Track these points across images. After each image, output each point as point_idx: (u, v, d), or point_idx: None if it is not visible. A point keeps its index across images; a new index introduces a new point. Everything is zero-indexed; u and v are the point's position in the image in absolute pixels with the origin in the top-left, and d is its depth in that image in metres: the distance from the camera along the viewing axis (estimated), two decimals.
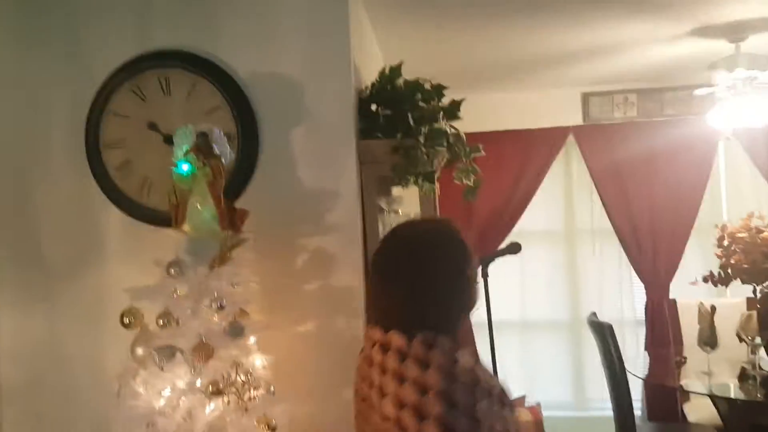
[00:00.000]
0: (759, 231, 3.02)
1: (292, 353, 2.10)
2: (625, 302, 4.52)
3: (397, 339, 1.29)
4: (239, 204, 1.96)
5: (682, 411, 3.78)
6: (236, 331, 1.83)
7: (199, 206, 1.80)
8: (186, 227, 1.82)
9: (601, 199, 4.39)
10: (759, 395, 2.91)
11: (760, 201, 4.13)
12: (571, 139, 4.44)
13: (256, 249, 2.01)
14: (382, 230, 2.40)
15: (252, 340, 1.88)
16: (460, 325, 1.39)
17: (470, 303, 1.42)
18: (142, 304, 1.82)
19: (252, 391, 1.77)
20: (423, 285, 1.33)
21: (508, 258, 4.90)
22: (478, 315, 2.34)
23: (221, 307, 1.79)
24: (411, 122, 2.17)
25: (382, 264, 1.42)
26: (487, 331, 2.53)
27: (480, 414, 1.19)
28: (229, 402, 1.74)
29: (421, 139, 2.16)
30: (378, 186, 2.36)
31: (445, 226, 1.43)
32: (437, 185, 2.54)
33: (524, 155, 4.41)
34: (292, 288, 2.17)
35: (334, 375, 2.16)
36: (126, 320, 1.81)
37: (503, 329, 4.62)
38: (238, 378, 1.75)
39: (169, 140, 2.02)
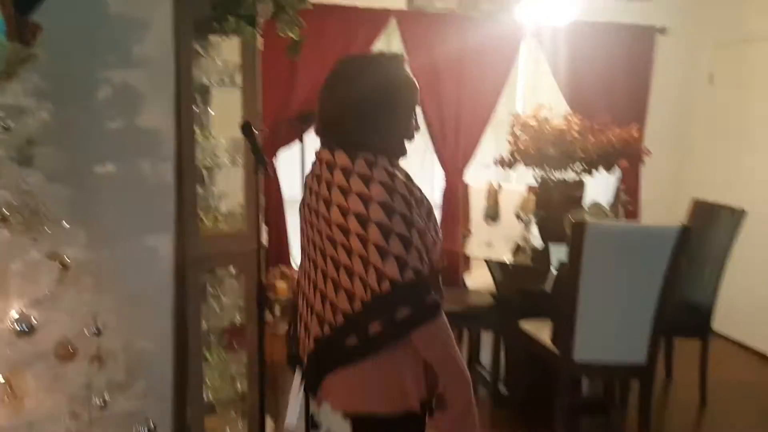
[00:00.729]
0: (546, 121, 3.39)
1: (90, 192, 1.95)
2: (426, 185, 4.86)
3: (342, 158, 1.45)
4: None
5: (463, 280, 4.27)
6: (24, 159, 1.65)
7: None
8: None
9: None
10: (528, 262, 3.38)
11: (551, 96, 4.62)
12: (393, 24, 4.50)
13: (49, 73, 1.78)
14: (197, 75, 2.28)
15: (40, 174, 1.71)
16: (400, 150, 1.53)
17: (410, 131, 1.55)
18: None
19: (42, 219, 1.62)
20: (367, 110, 1.47)
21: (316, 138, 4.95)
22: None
23: (6, 129, 1.58)
24: None
25: (333, 89, 1.53)
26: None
27: (413, 219, 1.38)
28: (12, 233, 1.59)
29: None
30: (196, 28, 2.20)
31: (395, 59, 1.57)
32: (261, 41, 2.45)
33: (347, 33, 4.39)
34: (91, 124, 1.98)
35: (137, 220, 2.07)
36: None
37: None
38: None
39: None
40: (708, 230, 3.45)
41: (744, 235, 3.50)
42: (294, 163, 4.44)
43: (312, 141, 4.32)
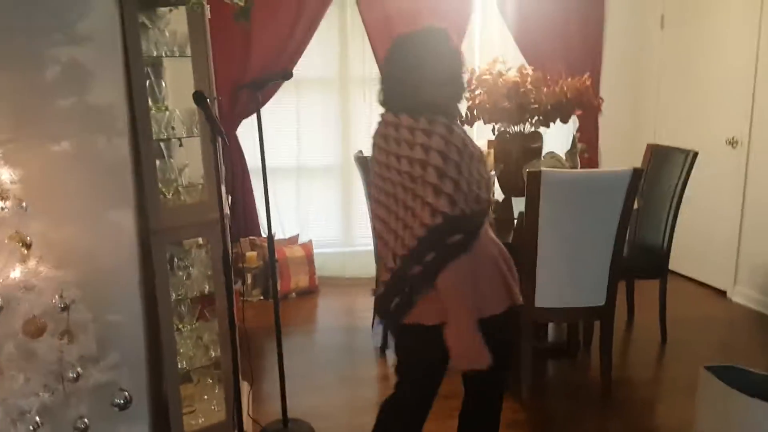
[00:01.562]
0: (501, 74, 3.43)
1: (47, 172, 1.95)
2: None
3: (406, 119, 1.73)
4: None
5: None
6: None
7: None
8: None
9: (372, 48, 4.57)
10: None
11: (506, 50, 4.66)
12: None
13: None
14: (146, 47, 2.26)
15: None
16: (453, 110, 1.83)
17: (459, 94, 1.83)
18: None
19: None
20: (421, 78, 1.74)
21: (285, 106, 4.94)
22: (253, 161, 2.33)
23: None
24: None
25: (391, 63, 1.83)
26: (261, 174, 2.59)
27: (464, 165, 1.66)
28: None
29: None
30: (141, 0, 2.18)
31: (439, 33, 1.80)
32: (208, 8, 2.43)
33: None
34: (43, 103, 1.97)
35: (97, 196, 2.08)
36: None
37: (280, 174, 4.78)
38: None
39: None
40: (662, 173, 3.57)
41: (697, 176, 3.63)
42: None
43: (269, 109, 4.37)
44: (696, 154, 3.39)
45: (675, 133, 4.64)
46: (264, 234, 4.61)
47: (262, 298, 4.36)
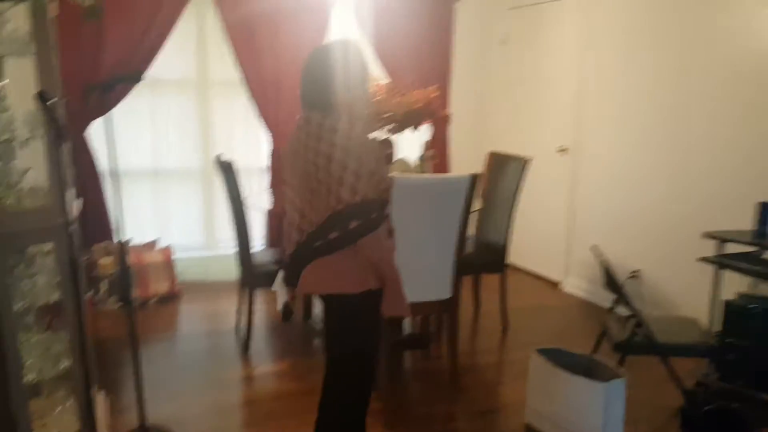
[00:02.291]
0: None
1: None
2: (252, 150, 4.93)
3: (317, 116, 1.97)
4: None
5: None
6: None
7: None
8: None
9: (233, 50, 4.57)
10: None
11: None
12: None
13: None
14: None
15: None
16: (359, 111, 2.03)
17: (365, 97, 2.09)
18: None
19: None
20: (338, 81, 1.98)
21: (139, 107, 4.80)
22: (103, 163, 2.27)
23: None
24: None
25: (306, 72, 2.03)
26: (111, 179, 2.53)
27: (364, 158, 1.95)
28: None
29: None
30: None
31: (356, 45, 2.05)
32: (54, 5, 2.35)
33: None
34: None
35: None
36: None
37: (136, 177, 4.63)
38: None
39: None
40: (501, 178, 3.94)
41: (532, 180, 4.05)
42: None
43: (123, 109, 4.23)
44: (528, 161, 3.78)
45: (515, 141, 5.11)
46: (119, 239, 4.44)
47: (119, 306, 4.20)
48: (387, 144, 3.64)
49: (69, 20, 2.74)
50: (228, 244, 4.88)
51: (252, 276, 3.57)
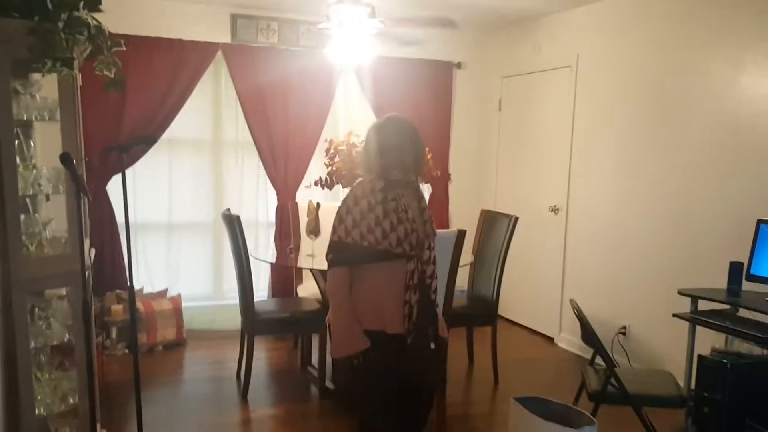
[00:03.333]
0: (354, 145, 3.90)
1: None
2: (260, 206, 5.21)
3: None
4: None
5: (296, 291, 4.66)
6: None
7: None
8: None
9: (245, 115, 4.93)
10: None
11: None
12: (220, 56, 4.83)
13: None
14: (17, 111, 2.46)
15: None
16: (378, 173, 2.35)
17: (380, 163, 2.36)
18: None
19: None
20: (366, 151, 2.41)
21: (158, 162, 5.12)
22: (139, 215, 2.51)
23: None
24: (49, 6, 2.25)
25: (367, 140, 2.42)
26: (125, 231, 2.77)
27: (355, 213, 2.28)
28: None
29: (60, 25, 2.26)
30: (13, 68, 2.39)
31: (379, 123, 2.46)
32: (79, 76, 2.66)
33: (176, 65, 4.65)
34: None
35: None
36: None
37: (151, 230, 4.92)
38: None
39: None
40: (491, 235, 4.15)
41: (525, 237, 4.25)
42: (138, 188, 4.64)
43: (144, 164, 4.57)
44: (517, 219, 4.00)
45: (509, 200, 5.35)
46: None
47: (127, 351, 4.41)
48: None
49: (93, 87, 3.05)
50: (234, 294, 5.09)
51: (253, 323, 3.77)
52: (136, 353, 2.84)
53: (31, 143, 2.66)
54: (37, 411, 2.56)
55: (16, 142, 2.45)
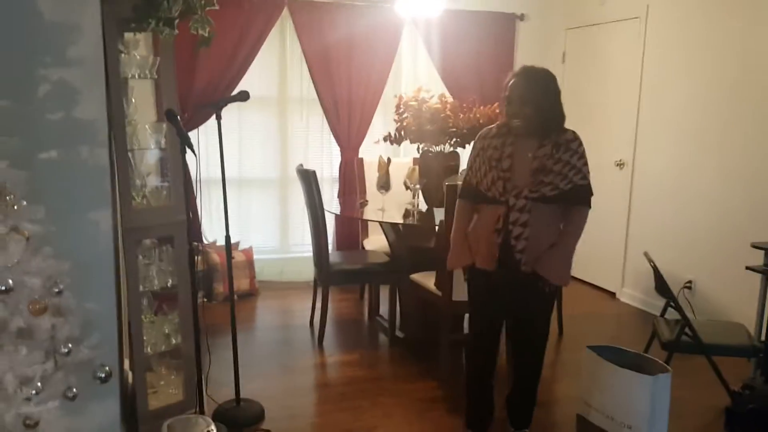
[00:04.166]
0: (424, 101, 3.95)
1: (41, 177, 2.25)
2: (324, 162, 5.33)
3: None
4: None
5: (362, 244, 4.81)
6: None
7: None
8: None
9: (310, 71, 5.01)
10: (415, 223, 3.95)
11: (430, 78, 5.22)
12: (286, 12, 4.89)
13: None
14: (122, 70, 2.60)
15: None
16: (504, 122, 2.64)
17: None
18: None
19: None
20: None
21: (227, 122, 5.29)
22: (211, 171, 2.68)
23: None
24: None
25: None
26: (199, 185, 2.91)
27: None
28: None
29: None
30: (117, 27, 2.52)
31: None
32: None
33: (244, 22, 4.74)
34: (36, 116, 2.28)
35: (81, 198, 2.39)
36: None
37: (221, 185, 5.09)
38: None
39: None
40: None
41: None
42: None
43: (212, 124, 4.70)
44: None
45: None
46: (206, 240, 4.92)
47: (205, 300, 4.65)
48: (453, 156, 3.96)
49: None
50: (301, 248, 5.29)
51: (328, 275, 3.93)
52: (232, 301, 3.05)
53: (132, 100, 2.81)
54: (145, 350, 2.78)
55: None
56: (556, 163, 2.47)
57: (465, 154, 4.23)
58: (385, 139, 4.14)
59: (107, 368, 2.30)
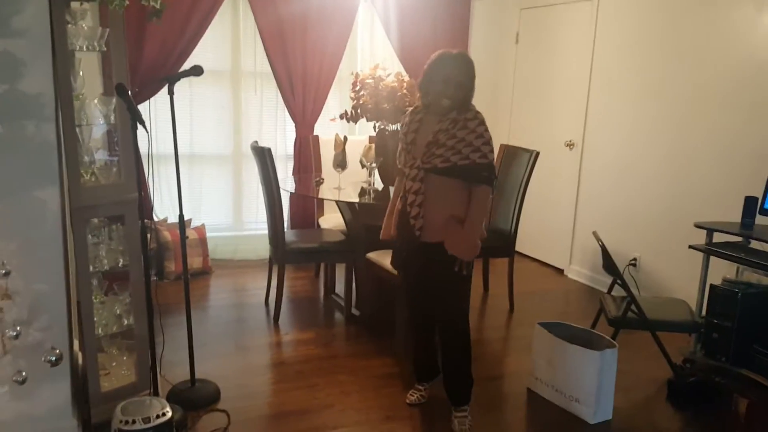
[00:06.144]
0: (381, 79, 3.93)
1: None
2: (279, 138, 5.26)
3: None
4: None
5: (317, 222, 4.79)
6: None
7: None
8: None
9: (264, 46, 4.90)
10: (372, 201, 3.95)
11: (386, 56, 5.19)
12: None
13: None
14: (69, 41, 2.49)
15: None
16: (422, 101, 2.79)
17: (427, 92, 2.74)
18: None
19: None
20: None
21: (179, 95, 5.14)
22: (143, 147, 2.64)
23: None
24: None
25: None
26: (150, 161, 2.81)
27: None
28: None
29: None
30: None
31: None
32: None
33: None
34: None
35: (28, 176, 2.29)
36: None
37: (173, 161, 4.95)
38: None
39: None
40: (511, 169, 4.26)
41: (540, 172, 4.37)
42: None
43: (162, 98, 4.56)
44: (537, 153, 4.10)
45: (525, 135, 5.43)
46: (156, 218, 4.80)
47: (155, 278, 4.56)
48: None
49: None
50: (255, 226, 5.23)
51: (284, 253, 3.91)
52: (186, 280, 3.00)
53: (80, 73, 2.70)
54: (96, 331, 2.72)
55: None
56: (450, 138, 2.57)
57: None
58: (341, 117, 4.11)
59: (58, 351, 2.24)
